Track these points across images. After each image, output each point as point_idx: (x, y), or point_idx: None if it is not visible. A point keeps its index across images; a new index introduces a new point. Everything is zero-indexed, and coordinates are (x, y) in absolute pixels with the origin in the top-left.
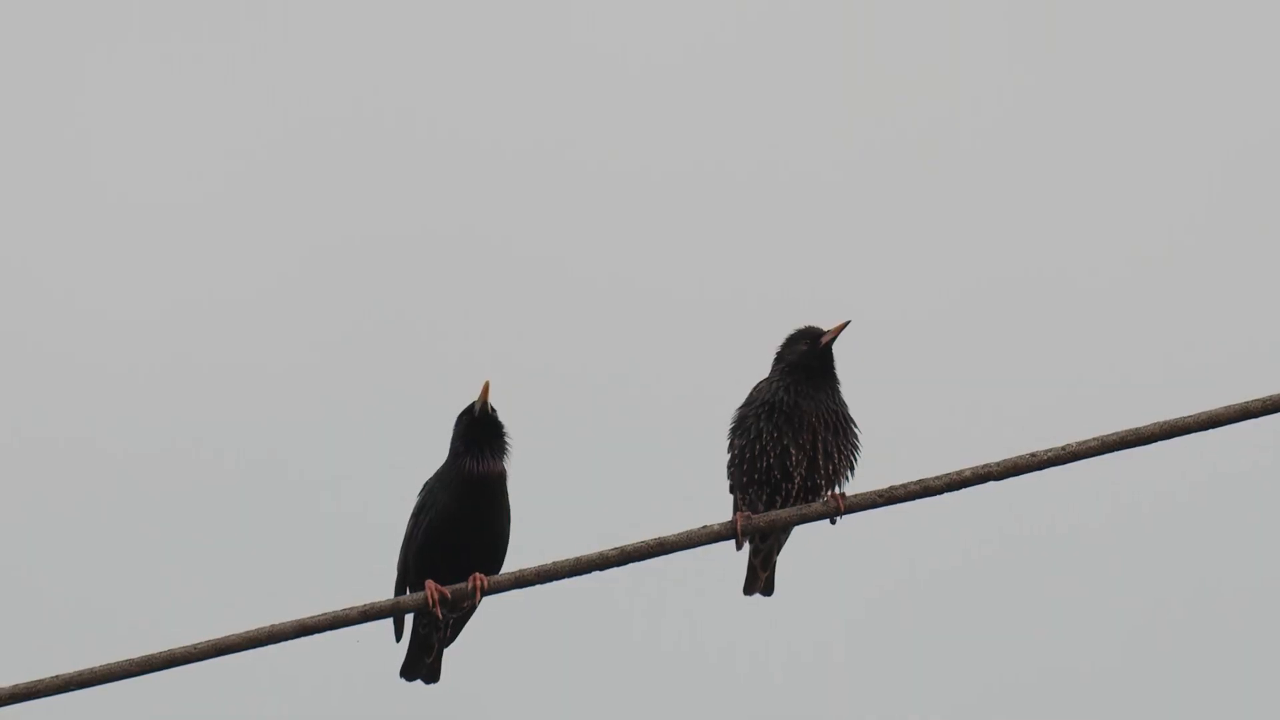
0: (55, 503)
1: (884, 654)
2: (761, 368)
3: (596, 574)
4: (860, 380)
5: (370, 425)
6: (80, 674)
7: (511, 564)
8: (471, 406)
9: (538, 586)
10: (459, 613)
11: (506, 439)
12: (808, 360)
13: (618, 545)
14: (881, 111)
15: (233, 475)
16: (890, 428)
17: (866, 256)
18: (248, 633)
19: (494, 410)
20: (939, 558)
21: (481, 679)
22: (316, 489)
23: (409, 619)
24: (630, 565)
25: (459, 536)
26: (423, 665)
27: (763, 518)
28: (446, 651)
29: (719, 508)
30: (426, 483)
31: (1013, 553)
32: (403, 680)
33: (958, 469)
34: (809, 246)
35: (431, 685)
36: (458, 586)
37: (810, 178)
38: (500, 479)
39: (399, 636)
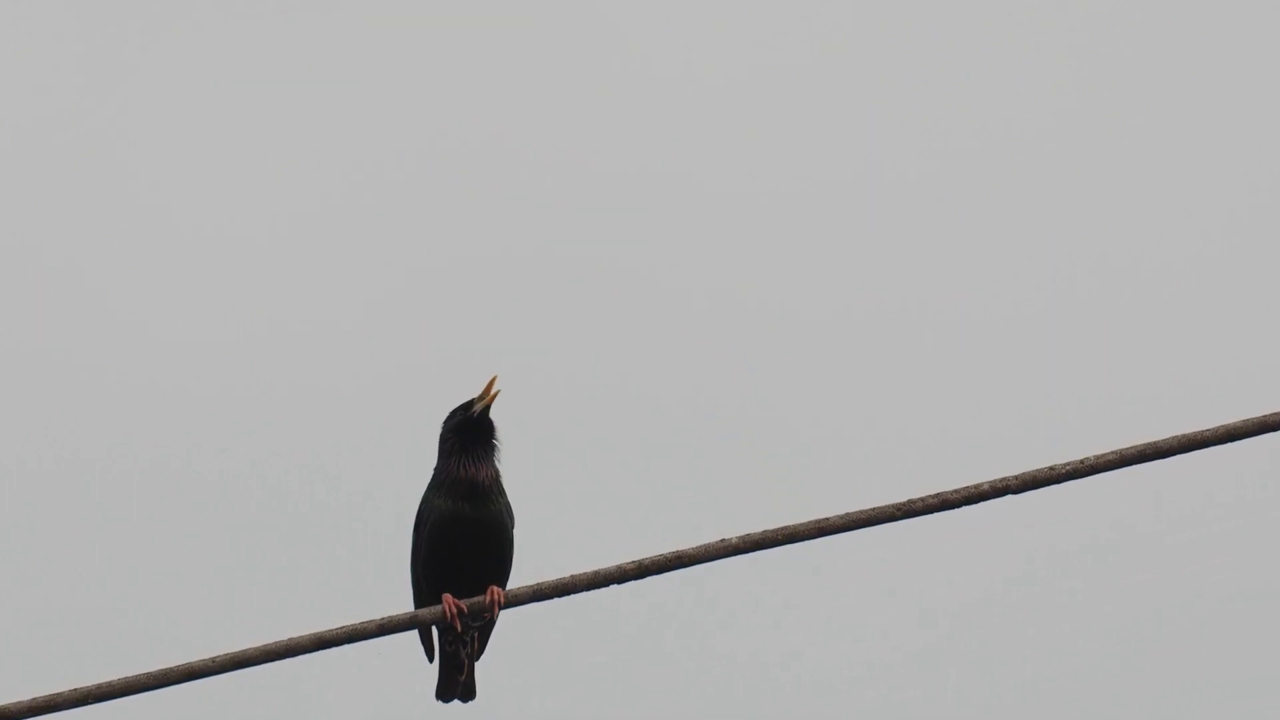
0: (74, 515)
1: (895, 668)
2: (775, 373)
3: (615, 587)
4: (876, 392)
5: (394, 436)
6: (99, 687)
7: (530, 576)
8: (470, 404)
9: (565, 598)
10: (480, 623)
11: (497, 441)
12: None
13: (635, 559)
14: (902, 118)
15: (256, 490)
16: (907, 440)
17: (878, 264)
18: (265, 646)
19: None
20: (956, 571)
21: (517, 693)
22: (340, 504)
23: (436, 639)
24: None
25: (462, 542)
26: (456, 684)
27: None
28: (478, 668)
29: (731, 520)
30: (423, 495)
31: (1031, 566)
32: (440, 702)
33: (975, 482)
34: (823, 254)
35: (469, 703)
36: (474, 600)
37: (821, 184)
38: (495, 482)
39: (430, 657)
